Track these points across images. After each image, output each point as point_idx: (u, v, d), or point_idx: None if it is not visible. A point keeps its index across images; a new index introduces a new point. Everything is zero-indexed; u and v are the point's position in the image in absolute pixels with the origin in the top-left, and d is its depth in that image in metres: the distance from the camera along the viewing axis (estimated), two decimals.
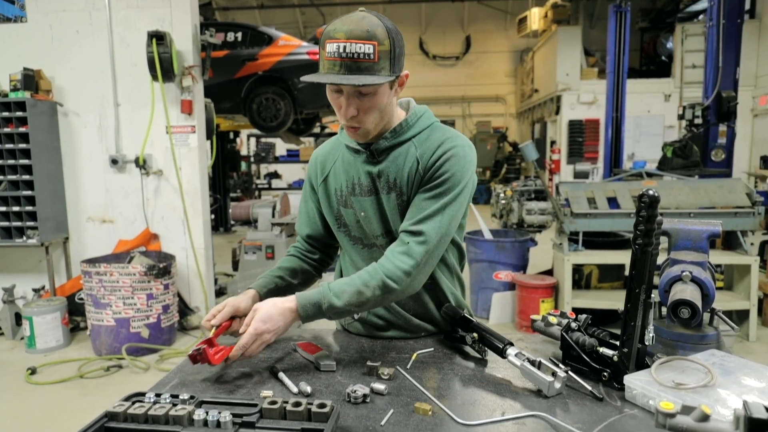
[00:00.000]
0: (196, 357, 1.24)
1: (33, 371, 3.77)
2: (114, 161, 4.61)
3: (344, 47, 1.20)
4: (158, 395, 1.04)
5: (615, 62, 7.44)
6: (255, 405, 1.01)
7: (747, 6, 10.07)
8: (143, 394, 1.05)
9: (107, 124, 4.64)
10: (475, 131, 15.63)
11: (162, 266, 4.18)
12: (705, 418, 0.84)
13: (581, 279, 4.56)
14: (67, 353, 4.20)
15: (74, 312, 4.57)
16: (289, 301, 1.30)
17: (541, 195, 4.90)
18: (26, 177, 4.36)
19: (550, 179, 11.50)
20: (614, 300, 4.22)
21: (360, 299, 1.30)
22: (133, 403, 1.01)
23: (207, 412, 0.96)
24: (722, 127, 5.53)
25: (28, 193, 4.36)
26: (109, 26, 4.53)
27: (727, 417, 0.91)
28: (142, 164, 4.58)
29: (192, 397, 1.04)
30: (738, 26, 5.46)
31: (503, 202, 5.00)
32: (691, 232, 1.38)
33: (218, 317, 1.36)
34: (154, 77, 4.39)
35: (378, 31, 1.22)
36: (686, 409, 0.87)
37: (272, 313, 1.27)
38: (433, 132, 1.40)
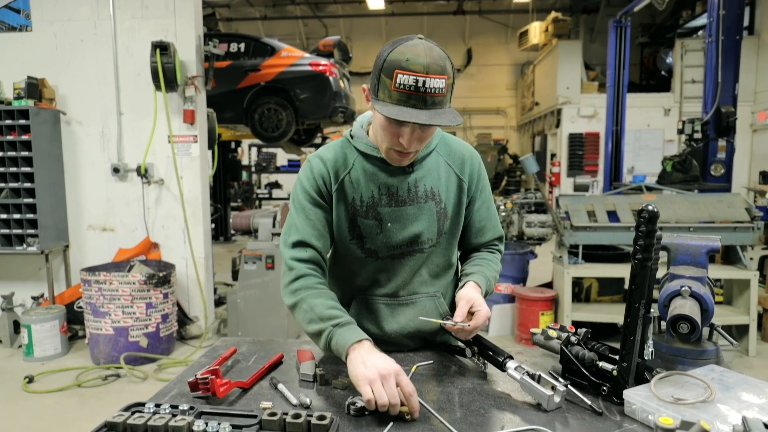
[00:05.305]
0: (198, 385, 1.19)
1: (30, 380, 3.75)
2: (116, 170, 4.62)
3: (423, 82, 1.17)
4: (158, 405, 1.04)
5: (615, 76, 7.49)
6: (255, 416, 1.01)
7: (746, 22, 10.18)
8: (143, 405, 1.05)
9: (110, 133, 4.67)
10: (475, 143, 15.68)
11: (162, 275, 4.18)
12: None
13: (581, 292, 4.56)
14: (65, 362, 4.18)
15: (73, 320, 4.56)
16: (478, 288, 1.42)
17: (541, 208, 4.92)
18: (28, 185, 4.37)
19: (550, 192, 11.54)
20: (614, 313, 4.21)
21: (495, 284, 1.53)
22: (133, 413, 1.01)
23: (206, 423, 0.96)
24: (721, 142, 5.54)
25: (29, 200, 4.37)
26: (113, 36, 4.57)
27: None
28: (143, 173, 4.59)
29: (191, 408, 1.05)
30: (737, 42, 5.49)
31: (503, 214, 5.01)
32: (690, 247, 1.38)
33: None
34: (157, 87, 4.42)
35: (447, 64, 1.21)
36: (685, 425, 0.87)
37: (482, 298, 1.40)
38: (448, 141, 1.51)
